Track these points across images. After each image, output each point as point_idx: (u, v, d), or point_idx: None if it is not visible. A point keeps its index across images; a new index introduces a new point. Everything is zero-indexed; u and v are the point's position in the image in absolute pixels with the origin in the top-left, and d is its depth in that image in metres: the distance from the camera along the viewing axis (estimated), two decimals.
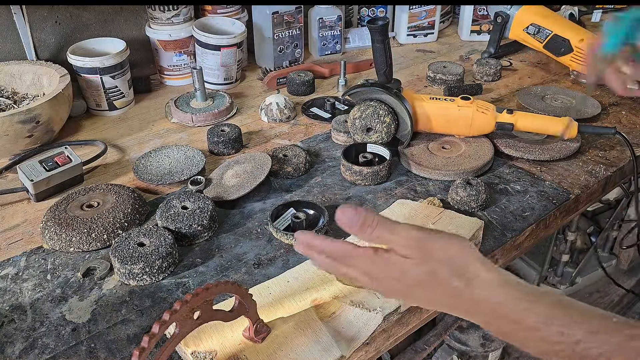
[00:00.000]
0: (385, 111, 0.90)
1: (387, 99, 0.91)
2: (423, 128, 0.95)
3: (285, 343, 0.58)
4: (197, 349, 0.56)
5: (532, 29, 1.24)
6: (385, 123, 0.90)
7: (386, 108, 0.90)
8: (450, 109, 0.93)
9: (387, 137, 0.92)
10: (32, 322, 0.63)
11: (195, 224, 0.74)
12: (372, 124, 0.91)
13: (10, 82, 1.04)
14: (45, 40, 1.12)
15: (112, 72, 1.06)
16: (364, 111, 0.91)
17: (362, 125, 0.91)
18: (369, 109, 0.90)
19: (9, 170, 0.92)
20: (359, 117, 0.91)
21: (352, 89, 0.93)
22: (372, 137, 0.92)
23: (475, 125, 0.93)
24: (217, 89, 1.20)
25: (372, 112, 0.90)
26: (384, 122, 0.90)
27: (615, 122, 1.06)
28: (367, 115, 0.90)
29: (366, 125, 0.91)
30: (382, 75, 1.04)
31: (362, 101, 0.93)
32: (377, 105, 0.90)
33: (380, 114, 0.90)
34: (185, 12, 1.18)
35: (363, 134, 0.92)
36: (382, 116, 0.90)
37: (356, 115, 0.91)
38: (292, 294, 0.65)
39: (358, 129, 0.92)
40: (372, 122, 0.90)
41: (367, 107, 0.90)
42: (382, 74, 1.04)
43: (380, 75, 1.04)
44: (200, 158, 0.93)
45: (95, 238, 0.74)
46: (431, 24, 1.47)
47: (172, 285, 0.68)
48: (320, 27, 1.35)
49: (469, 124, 0.93)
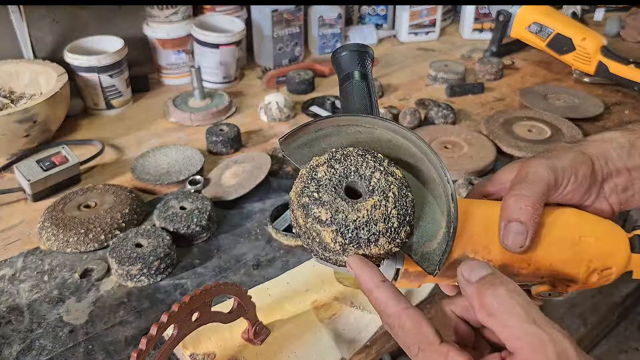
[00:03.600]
0: (391, 175, 0.38)
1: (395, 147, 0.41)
2: (474, 247, 0.41)
3: (284, 345, 0.57)
4: (196, 351, 0.56)
5: (534, 27, 1.23)
6: (389, 200, 0.37)
7: (392, 169, 0.39)
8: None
9: (390, 241, 0.37)
10: (29, 324, 0.62)
11: (193, 225, 0.73)
12: (353, 169, 0.39)
13: (8, 81, 1.03)
14: (42, 39, 1.11)
15: (110, 71, 1.05)
16: (338, 163, 0.39)
17: (330, 203, 0.37)
18: (348, 159, 0.39)
19: (6, 170, 0.91)
20: (324, 181, 0.38)
21: (299, 128, 0.41)
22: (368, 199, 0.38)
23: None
24: (215, 87, 1.19)
25: (358, 168, 0.39)
26: (387, 196, 0.37)
27: (618, 122, 1.06)
28: (344, 173, 0.38)
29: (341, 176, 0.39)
30: None
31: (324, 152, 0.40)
32: (368, 156, 0.39)
33: (378, 177, 0.38)
34: (184, 10, 1.17)
35: (327, 233, 0.37)
36: (384, 182, 0.38)
37: (319, 174, 0.38)
38: (291, 296, 0.64)
39: (315, 214, 0.37)
40: (353, 164, 0.39)
41: (346, 156, 0.39)
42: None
43: None
44: (199, 158, 0.92)
45: (92, 239, 0.73)
46: (432, 22, 1.46)
47: (170, 286, 0.68)
48: (320, 25, 1.34)
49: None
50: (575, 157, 0.43)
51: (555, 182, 0.42)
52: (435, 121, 1.04)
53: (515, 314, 0.32)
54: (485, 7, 1.44)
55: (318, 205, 0.37)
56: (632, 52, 1.35)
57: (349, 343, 0.58)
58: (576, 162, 0.43)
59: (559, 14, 1.26)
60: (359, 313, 0.61)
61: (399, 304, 0.35)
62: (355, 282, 0.66)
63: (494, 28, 1.34)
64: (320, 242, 0.37)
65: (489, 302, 0.33)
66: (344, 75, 0.46)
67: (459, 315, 0.39)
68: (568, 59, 1.20)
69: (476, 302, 0.34)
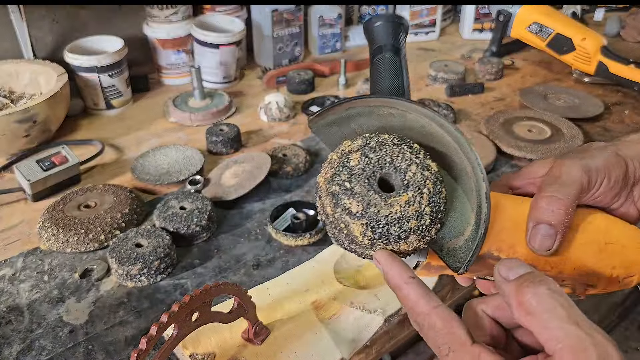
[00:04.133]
0: (427, 169, 0.37)
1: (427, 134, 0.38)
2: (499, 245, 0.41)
3: (284, 345, 0.57)
4: (196, 351, 0.56)
5: (534, 27, 1.23)
6: (423, 196, 0.36)
7: (428, 163, 0.37)
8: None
9: (420, 238, 0.37)
10: (29, 324, 0.62)
11: (193, 225, 0.73)
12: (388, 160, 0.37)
13: (7, 81, 1.03)
14: (42, 39, 1.11)
15: (110, 71, 1.05)
16: (373, 152, 0.37)
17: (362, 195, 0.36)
18: (384, 148, 0.37)
19: (6, 170, 0.91)
20: (357, 170, 0.36)
21: (330, 107, 0.39)
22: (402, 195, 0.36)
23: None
24: (215, 87, 1.19)
25: (393, 159, 0.37)
26: (422, 192, 0.36)
27: (619, 122, 1.06)
28: (378, 163, 0.36)
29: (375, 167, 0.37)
30: None
31: (357, 137, 0.38)
32: (404, 147, 0.37)
33: (414, 170, 0.36)
34: (184, 10, 1.17)
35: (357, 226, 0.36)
36: (420, 176, 0.36)
37: (352, 162, 0.36)
38: (291, 296, 0.64)
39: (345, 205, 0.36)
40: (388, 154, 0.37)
41: (382, 145, 0.37)
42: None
43: None
44: (199, 158, 0.92)
45: (92, 239, 0.73)
46: (432, 22, 1.46)
47: (170, 286, 0.68)
48: (320, 25, 1.34)
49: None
50: (609, 159, 0.42)
51: (588, 184, 0.41)
52: None
53: (557, 315, 0.30)
54: (485, 7, 1.44)
55: (349, 195, 0.35)
56: (632, 52, 1.35)
57: (350, 343, 0.58)
58: (610, 163, 0.42)
59: (559, 14, 1.26)
60: (359, 313, 0.61)
61: (429, 302, 0.34)
62: (356, 282, 0.66)
63: (494, 28, 1.33)
64: (348, 234, 0.36)
65: (528, 301, 0.31)
66: (375, 48, 0.43)
67: (491, 315, 0.37)
68: (568, 59, 1.20)
69: (514, 301, 0.32)
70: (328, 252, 0.71)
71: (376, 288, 0.65)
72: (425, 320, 0.34)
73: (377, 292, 0.64)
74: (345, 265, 0.69)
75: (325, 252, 0.71)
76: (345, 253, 0.70)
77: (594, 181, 0.41)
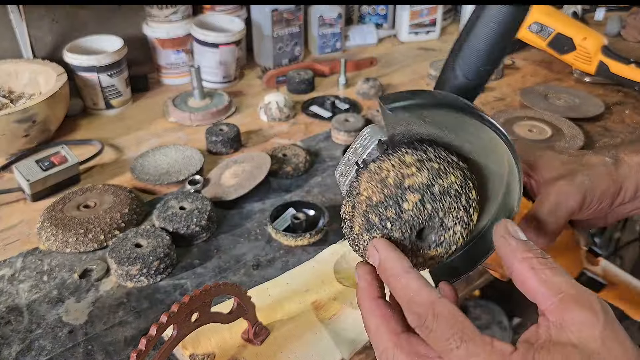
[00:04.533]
0: (468, 228, 0.37)
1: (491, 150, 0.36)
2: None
3: (284, 345, 0.57)
4: (195, 352, 0.55)
5: (535, 27, 1.23)
6: (448, 253, 0.37)
7: (474, 214, 0.36)
8: None
9: (454, 249, 0.37)
10: (28, 324, 0.62)
11: (193, 225, 0.73)
12: (441, 214, 0.35)
13: (7, 81, 1.03)
14: (42, 39, 1.11)
15: (109, 71, 1.05)
16: (432, 201, 0.34)
17: (412, 220, 0.35)
18: (444, 200, 0.35)
19: (5, 170, 0.91)
20: (406, 216, 0.34)
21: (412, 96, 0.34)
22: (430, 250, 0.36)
23: None
24: (215, 87, 1.19)
25: (445, 216, 0.35)
26: (448, 250, 0.37)
27: (619, 121, 1.05)
28: (429, 216, 0.35)
29: (424, 219, 0.35)
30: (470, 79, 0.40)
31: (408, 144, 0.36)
32: (462, 200, 0.35)
33: (456, 230, 0.36)
34: (184, 9, 1.17)
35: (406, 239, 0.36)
36: (457, 236, 0.36)
37: (405, 204, 0.34)
38: (291, 296, 0.64)
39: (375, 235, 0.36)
40: (444, 208, 0.35)
41: (444, 195, 0.35)
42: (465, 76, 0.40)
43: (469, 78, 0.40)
44: (199, 158, 0.92)
45: (92, 239, 0.73)
46: (433, 22, 1.46)
47: (170, 286, 0.68)
48: (320, 25, 1.33)
49: None
50: (609, 184, 0.42)
51: (579, 209, 0.41)
52: None
53: (558, 272, 0.30)
54: None
55: (384, 234, 0.34)
56: (633, 51, 1.35)
57: (349, 343, 0.58)
58: (608, 188, 0.42)
59: (559, 14, 1.26)
60: (359, 313, 0.61)
61: (432, 292, 0.32)
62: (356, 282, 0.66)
63: None
64: (363, 254, 0.37)
65: (531, 259, 0.31)
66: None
67: None
68: (569, 59, 1.20)
69: (516, 258, 0.32)
70: (328, 252, 0.71)
71: None
72: (429, 310, 0.31)
73: None
74: (345, 265, 0.69)
75: (325, 252, 0.71)
76: (346, 253, 0.70)
77: (587, 205, 0.42)
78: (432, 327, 0.31)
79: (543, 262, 0.31)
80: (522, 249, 0.32)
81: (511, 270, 0.32)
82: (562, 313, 0.29)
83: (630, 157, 0.44)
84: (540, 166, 0.44)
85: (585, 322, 0.28)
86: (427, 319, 0.31)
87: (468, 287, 0.72)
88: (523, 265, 0.31)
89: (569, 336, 0.28)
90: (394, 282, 0.33)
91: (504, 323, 1.52)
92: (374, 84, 1.14)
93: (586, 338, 0.28)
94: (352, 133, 0.97)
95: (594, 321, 0.28)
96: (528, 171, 0.45)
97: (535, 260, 0.31)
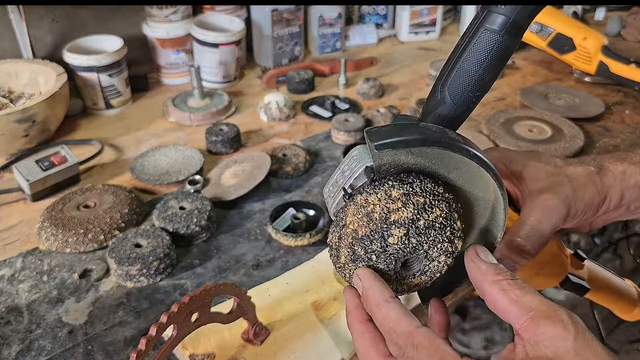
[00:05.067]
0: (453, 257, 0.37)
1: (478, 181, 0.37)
2: None
3: (284, 345, 0.57)
4: (195, 352, 0.55)
5: (535, 27, 1.23)
6: (431, 279, 0.38)
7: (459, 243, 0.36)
8: None
9: (438, 275, 0.38)
10: (28, 324, 0.62)
11: (193, 225, 0.73)
12: (426, 247, 0.35)
13: (7, 81, 1.03)
14: (42, 39, 1.11)
15: (109, 71, 1.05)
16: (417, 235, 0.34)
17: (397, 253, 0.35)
18: (429, 233, 0.35)
19: (5, 170, 0.91)
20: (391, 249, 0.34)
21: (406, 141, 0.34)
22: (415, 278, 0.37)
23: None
24: (215, 87, 1.19)
25: (430, 248, 0.35)
26: (432, 278, 0.37)
27: (619, 121, 1.05)
28: (414, 249, 0.35)
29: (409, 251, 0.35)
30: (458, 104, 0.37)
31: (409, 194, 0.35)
32: (447, 232, 0.35)
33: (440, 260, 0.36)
34: (184, 9, 1.17)
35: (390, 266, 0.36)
36: (441, 266, 0.37)
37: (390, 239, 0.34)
38: (291, 296, 0.64)
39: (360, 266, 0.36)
40: (428, 241, 0.35)
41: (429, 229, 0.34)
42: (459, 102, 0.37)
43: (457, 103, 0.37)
44: (199, 158, 0.92)
45: (92, 239, 0.73)
46: (433, 22, 1.46)
47: (170, 286, 0.67)
48: (320, 24, 1.33)
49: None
50: (593, 194, 0.42)
51: (563, 222, 0.42)
52: None
53: (528, 291, 0.31)
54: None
55: (369, 265, 0.35)
56: (633, 51, 1.35)
57: (349, 343, 0.58)
58: (593, 199, 0.42)
59: (559, 14, 1.26)
60: None
61: (412, 322, 0.32)
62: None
63: None
64: (349, 281, 0.37)
65: (501, 282, 0.32)
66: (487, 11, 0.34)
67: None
68: (569, 59, 1.20)
69: (487, 281, 0.33)
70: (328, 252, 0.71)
71: None
72: (409, 340, 0.31)
73: None
74: None
75: (325, 252, 0.71)
76: None
77: (571, 217, 0.42)
78: (413, 357, 0.31)
79: (512, 283, 0.32)
80: (492, 272, 0.33)
81: (482, 292, 0.33)
82: (534, 330, 0.30)
83: (614, 166, 0.44)
84: (525, 177, 0.44)
85: (557, 336, 0.29)
86: (406, 349, 0.31)
87: (468, 287, 0.71)
88: (493, 288, 0.32)
89: (544, 351, 0.29)
90: (375, 311, 0.34)
91: (503, 323, 1.52)
92: (374, 83, 1.14)
93: (560, 351, 0.29)
94: (352, 133, 0.97)
95: (565, 334, 0.29)
96: (513, 181, 0.45)
97: (505, 282, 0.32)
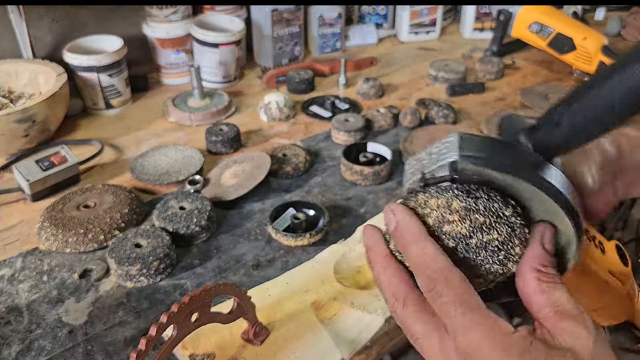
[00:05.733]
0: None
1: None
2: None
3: (284, 345, 0.57)
4: (195, 352, 0.55)
5: (535, 27, 1.23)
6: (505, 266, 0.35)
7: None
8: None
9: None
10: (28, 324, 0.62)
11: (193, 225, 0.73)
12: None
13: (7, 81, 1.03)
14: (41, 39, 1.11)
15: (109, 71, 1.05)
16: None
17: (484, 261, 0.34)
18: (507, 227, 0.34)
19: (5, 170, 0.91)
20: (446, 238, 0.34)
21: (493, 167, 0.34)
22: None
23: None
24: (215, 87, 1.19)
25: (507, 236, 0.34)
26: (505, 264, 0.35)
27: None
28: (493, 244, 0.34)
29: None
30: (572, 133, 0.35)
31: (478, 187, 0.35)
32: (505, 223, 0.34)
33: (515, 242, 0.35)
34: (183, 9, 1.17)
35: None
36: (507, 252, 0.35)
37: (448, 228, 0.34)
38: (291, 296, 0.64)
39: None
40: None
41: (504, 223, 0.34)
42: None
43: (571, 132, 0.35)
44: (199, 158, 0.92)
45: (92, 239, 0.73)
46: (433, 22, 1.46)
47: (170, 286, 0.67)
48: (320, 24, 1.33)
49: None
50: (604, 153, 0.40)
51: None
52: (436, 121, 1.04)
53: (558, 287, 0.32)
54: (486, 6, 1.44)
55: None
56: None
57: (350, 343, 0.58)
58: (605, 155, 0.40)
59: (559, 14, 1.26)
60: (359, 313, 0.61)
61: (447, 260, 0.32)
62: (356, 282, 0.66)
63: (494, 27, 1.33)
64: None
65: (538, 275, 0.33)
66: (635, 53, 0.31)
67: None
68: (569, 59, 1.20)
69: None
70: (328, 252, 0.71)
71: (376, 289, 0.64)
72: (443, 275, 0.32)
73: (377, 292, 0.63)
74: (345, 266, 0.68)
75: (325, 252, 0.71)
76: (345, 253, 0.70)
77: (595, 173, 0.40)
78: (442, 292, 0.31)
79: (550, 277, 0.32)
80: (541, 260, 0.33)
81: (519, 272, 0.33)
82: (557, 323, 0.30)
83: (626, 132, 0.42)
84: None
85: (579, 334, 0.29)
86: (437, 284, 0.32)
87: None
88: (531, 273, 0.32)
89: (562, 342, 0.29)
90: (410, 246, 0.33)
91: None
92: (374, 83, 1.14)
93: (579, 349, 0.29)
94: (352, 133, 0.97)
95: (586, 335, 0.29)
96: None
97: (544, 275, 0.32)
